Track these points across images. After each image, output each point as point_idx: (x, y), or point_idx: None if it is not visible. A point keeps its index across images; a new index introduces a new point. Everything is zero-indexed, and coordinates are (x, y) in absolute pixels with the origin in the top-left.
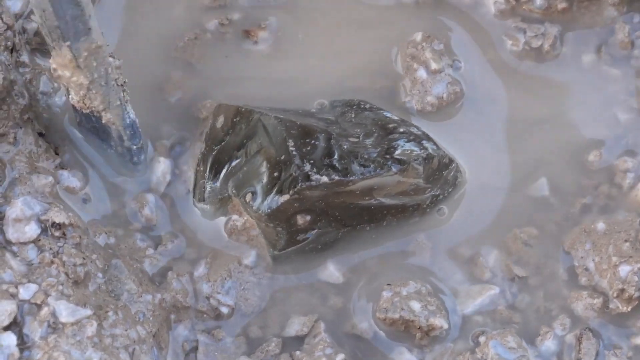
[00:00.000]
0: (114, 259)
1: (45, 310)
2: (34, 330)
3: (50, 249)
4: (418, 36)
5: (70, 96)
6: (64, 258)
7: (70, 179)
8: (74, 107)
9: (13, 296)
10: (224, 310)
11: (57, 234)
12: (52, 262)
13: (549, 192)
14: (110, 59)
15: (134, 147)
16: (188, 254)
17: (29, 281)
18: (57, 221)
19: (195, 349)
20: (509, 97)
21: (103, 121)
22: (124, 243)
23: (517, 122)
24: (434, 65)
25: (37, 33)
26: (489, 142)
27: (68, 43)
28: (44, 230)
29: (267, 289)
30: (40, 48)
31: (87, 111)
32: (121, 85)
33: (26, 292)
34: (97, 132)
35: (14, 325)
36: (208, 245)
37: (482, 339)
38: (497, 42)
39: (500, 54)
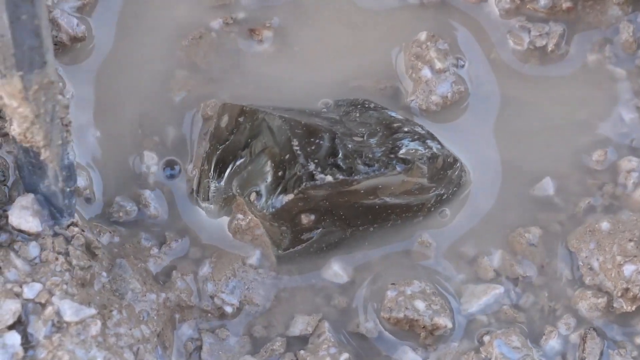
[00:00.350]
0: (118, 259)
1: (49, 310)
2: (38, 329)
3: (55, 248)
4: (422, 35)
5: (12, 127)
6: (69, 257)
7: None
8: (13, 139)
9: (17, 295)
10: (228, 309)
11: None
12: (57, 258)
13: (554, 192)
14: (60, 97)
15: (67, 189)
16: (192, 254)
17: (33, 280)
18: None
19: (199, 348)
20: (513, 96)
21: (41, 158)
22: (129, 242)
23: (521, 122)
24: (438, 65)
25: None
26: (493, 141)
27: (20, 73)
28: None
29: (271, 289)
30: None
31: (27, 145)
32: (66, 125)
33: (30, 291)
34: (33, 168)
35: (18, 325)
36: (212, 245)
37: (486, 338)
38: (502, 41)
39: (504, 54)
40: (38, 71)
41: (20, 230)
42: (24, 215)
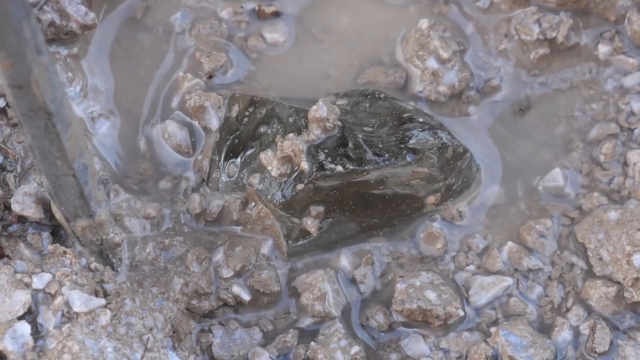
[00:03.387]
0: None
1: (59, 300)
2: (48, 319)
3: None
4: (424, 24)
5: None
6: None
7: None
8: None
9: (27, 286)
10: (240, 299)
11: None
12: (65, 252)
13: (563, 183)
14: (111, 235)
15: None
16: (205, 242)
17: (43, 270)
18: None
19: (210, 339)
20: (522, 87)
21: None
22: None
23: (530, 113)
24: (443, 55)
25: (51, 24)
26: (502, 133)
27: (63, 208)
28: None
29: (282, 279)
30: (55, 38)
31: None
32: (118, 257)
33: (40, 281)
34: None
35: (28, 315)
36: (224, 234)
37: (494, 329)
38: (511, 32)
39: (513, 45)
40: (84, 217)
41: (22, 217)
42: (26, 202)
